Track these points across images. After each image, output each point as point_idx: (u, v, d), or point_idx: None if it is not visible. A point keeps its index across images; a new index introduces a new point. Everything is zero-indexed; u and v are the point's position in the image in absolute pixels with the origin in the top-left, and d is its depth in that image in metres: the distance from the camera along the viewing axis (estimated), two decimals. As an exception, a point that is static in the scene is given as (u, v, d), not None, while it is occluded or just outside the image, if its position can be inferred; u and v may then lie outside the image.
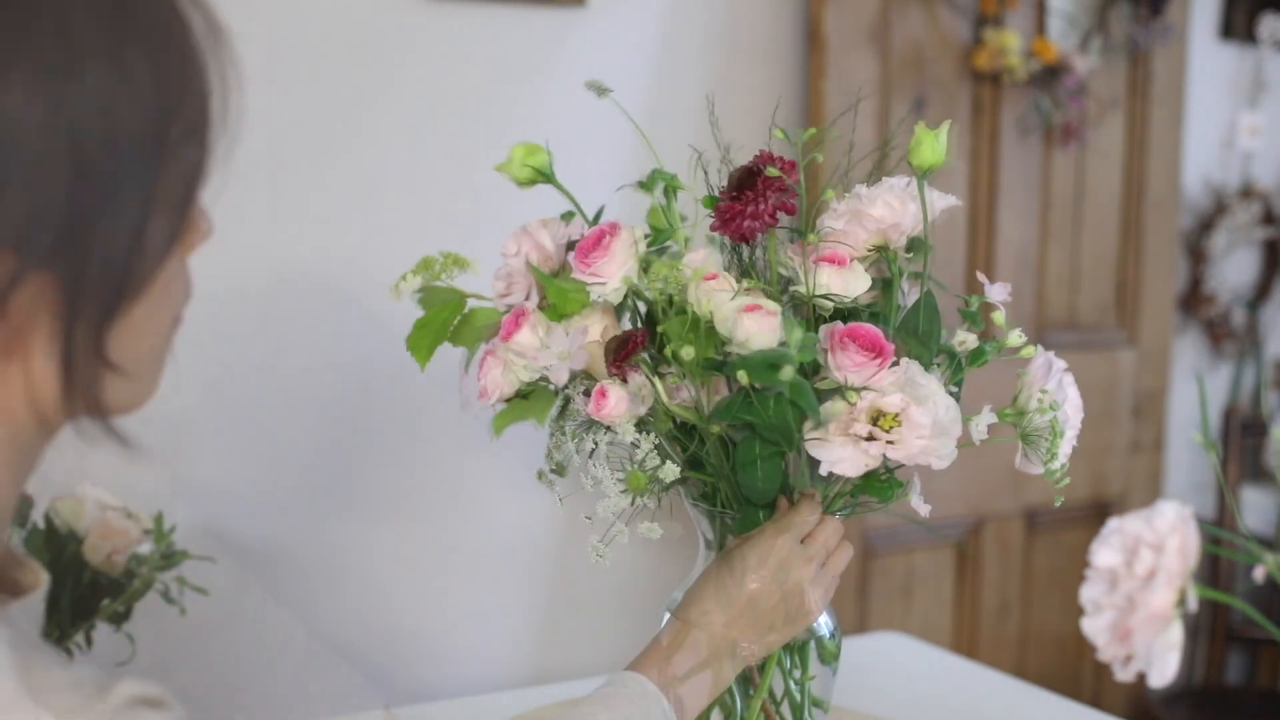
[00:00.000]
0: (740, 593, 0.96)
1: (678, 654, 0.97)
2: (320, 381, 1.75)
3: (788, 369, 0.86)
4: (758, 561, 0.96)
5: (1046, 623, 2.43)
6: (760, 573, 0.96)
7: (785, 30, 2.06)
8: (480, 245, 1.15)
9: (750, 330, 0.90)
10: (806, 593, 0.97)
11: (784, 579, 0.96)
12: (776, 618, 0.97)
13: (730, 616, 0.97)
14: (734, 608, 0.97)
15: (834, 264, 0.96)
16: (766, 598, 0.96)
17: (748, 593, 0.96)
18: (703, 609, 0.97)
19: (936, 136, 0.96)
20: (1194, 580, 0.63)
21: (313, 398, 1.75)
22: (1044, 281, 2.38)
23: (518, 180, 1.05)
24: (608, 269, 0.97)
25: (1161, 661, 0.62)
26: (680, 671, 0.97)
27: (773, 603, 0.96)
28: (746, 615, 0.97)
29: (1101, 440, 2.47)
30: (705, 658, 0.97)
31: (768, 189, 0.93)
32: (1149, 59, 2.44)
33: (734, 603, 0.97)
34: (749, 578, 0.96)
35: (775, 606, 0.97)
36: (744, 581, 0.97)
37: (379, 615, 1.81)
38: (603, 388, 0.96)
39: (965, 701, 1.43)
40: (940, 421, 0.90)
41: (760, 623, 0.97)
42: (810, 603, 0.98)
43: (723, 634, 0.96)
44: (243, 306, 1.69)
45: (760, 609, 0.97)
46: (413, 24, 1.75)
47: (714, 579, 0.98)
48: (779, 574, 0.96)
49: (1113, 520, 0.64)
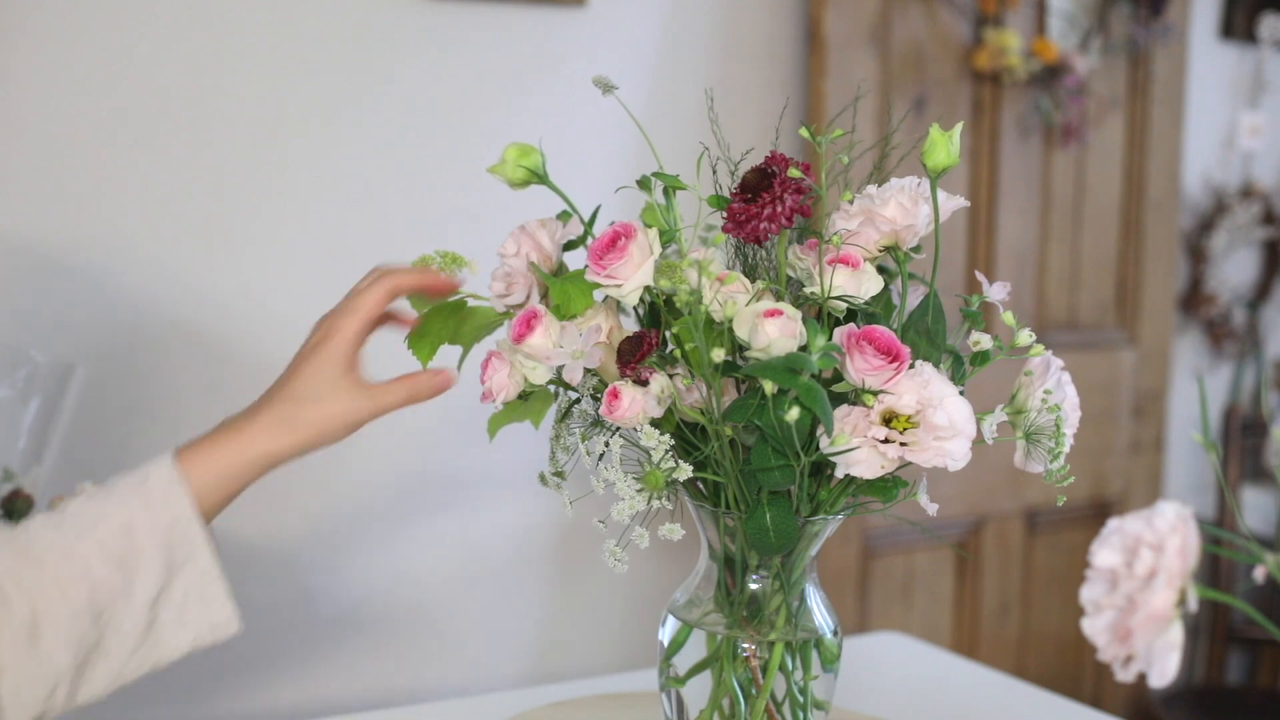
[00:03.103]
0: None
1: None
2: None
3: (805, 374, 0.86)
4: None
5: (1046, 623, 2.43)
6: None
7: (785, 30, 2.06)
8: (480, 245, 1.15)
9: (772, 335, 0.90)
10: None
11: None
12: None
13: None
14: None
15: (847, 265, 0.96)
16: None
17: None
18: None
19: (950, 138, 0.96)
20: (1194, 580, 0.63)
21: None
22: (1044, 281, 2.38)
23: (511, 181, 1.05)
24: (624, 271, 0.97)
25: (1162, 662, 0.62)
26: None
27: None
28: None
29: (1101, 440, 2.47)
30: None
31: (785, 191, 0.93)
32: (1149, 59, 2.44)
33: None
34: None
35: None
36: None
37: (379, 615, 1.81)
38: (615, 388, 0.96)
39: (965, 701, 1.43)
40: (956, 423, 0.91)
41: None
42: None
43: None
44: (242, 305, 1.69)
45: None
46: (413, 24, 1.75)
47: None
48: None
49: (1113, 520, 0.64)
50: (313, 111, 1.71)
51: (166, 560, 0.90)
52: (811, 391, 0.88)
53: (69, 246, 1.59)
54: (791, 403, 0.89)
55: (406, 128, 1.77)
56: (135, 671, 0.91)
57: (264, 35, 1.67)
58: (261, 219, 1.70)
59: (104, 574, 0.88)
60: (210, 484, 0.93)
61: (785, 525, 0.96)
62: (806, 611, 1.05)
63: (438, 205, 1.79)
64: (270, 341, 1.71)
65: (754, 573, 1.04)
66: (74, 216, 1.59)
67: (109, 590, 0.89)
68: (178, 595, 0.91)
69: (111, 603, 0.89)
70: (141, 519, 0.90)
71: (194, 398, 1.67)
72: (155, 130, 1.62)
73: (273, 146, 1.69)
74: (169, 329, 1.65)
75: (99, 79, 1.58)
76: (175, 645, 0.92)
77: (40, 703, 0.88)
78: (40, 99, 1.56)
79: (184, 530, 0.91)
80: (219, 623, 0.93)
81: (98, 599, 0.88)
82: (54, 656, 0.87)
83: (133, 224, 1.62)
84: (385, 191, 1.76)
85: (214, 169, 1.66)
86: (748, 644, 1.03)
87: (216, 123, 1.65)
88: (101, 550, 0.89)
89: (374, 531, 1.78)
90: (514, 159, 1.04)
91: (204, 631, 0.93)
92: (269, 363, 1.71)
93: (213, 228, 1.67)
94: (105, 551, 0.89)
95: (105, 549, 0.89)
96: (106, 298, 1.62)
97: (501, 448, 1.21)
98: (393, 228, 1.77)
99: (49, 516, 0.90)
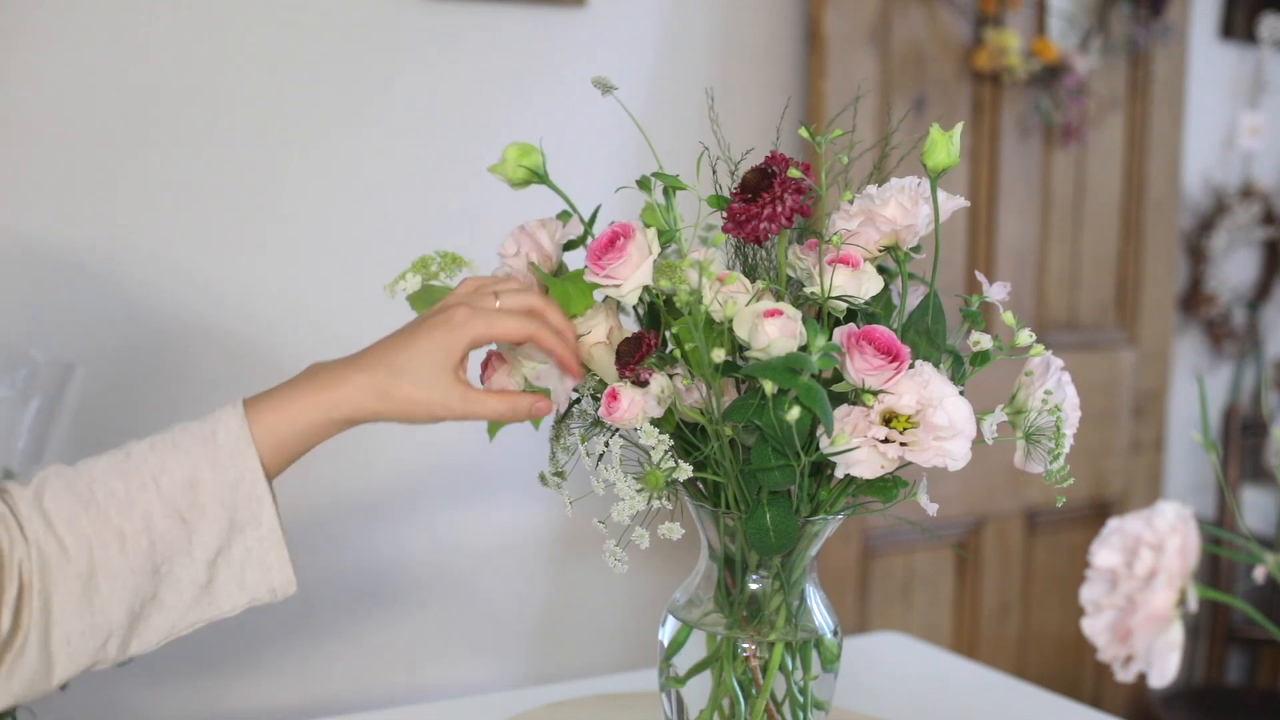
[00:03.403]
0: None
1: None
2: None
3: (805, 375, 0.86)
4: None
5: (1046, 623, 2.43)
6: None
7: (785, 30, 2.06)
8: (479, 244, 1.15)
9: (772, 335, 0.90)
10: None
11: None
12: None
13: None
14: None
15: (847, 265, 0.96)
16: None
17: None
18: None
19: (951, 138, 0.96)
20: (1194, 580, 0.63)
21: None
22: (1044, 281, 2.38)
23: (511, 181, 1.05)
24: (623, 271, 0.97)
25: (1162, 662, 0.62)
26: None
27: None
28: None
29: (1101, 440, 2.47)
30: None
31: (785, 191, 0.93)
32: (1149, 59, 2.44)
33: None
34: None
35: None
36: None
37: (378, 615, 1.81)
38: (614, 390, 0.96)
39: (965, 701, 1.43)
40: (956, 423, 0.91)
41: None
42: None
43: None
44: (241, 305, 1.69)
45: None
46: (413, 24, 1.75)
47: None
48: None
49: (1113, 520, 0.64)
50: (312, 112, 1.71)
51: (229, 519, 0.89)
52: (811, 391, 0.88)
53: (69, 246, 1.59)
54: (791, 403, 0.89)
55: (406, 128, 1.77)
56: (189, 628, 0.91)
57: (264, 35, 1.67)
58: (261, 219, 1.70)
59: (165, 528, 0.87)
60: (282, 440, 0.91)
61: (785, 525, 0.96)
62: (806, 611, 1.05)
63: (437, 205, 1.79)
64: (270, 340, 1.71)
65: (754, 573, 1.04)
66: (74, 216, 1.59)
67: (169, 544, 0.88)
68: (238, 556, 0.90)
69: (171, 557, 0.88)
70: (207, 474, 0.89)
71: (194, 397, 1.67)
72: (155, 130, 1.62)
73: (273, 146, 1.69)
74: (169, 329, 1.65)
75: (98, 79, 1.58)
76: (232, 604, 0.91)
77: (92, 654, 0.87)
78: (40, 99, 1.56)
79: (249, 489, 0.90)
80: (277, 586, 0.93)
81: (157, 553, 0.87)
82: (109, 609, 0.86)
83: (133, 224, 1.62)
84: (385, 191, 1.76)
85: (214, 169, 1.66)
86: (748, 644, 1.03)
87: (216, 123, 1.65)
88: (164, 503, 0.88)
89: (373, 531, 1.78)
90: (514, 158, 1.04)
91: (261, 593, 0.92)
92: (269, 363, 1.71)
93: (213, 228, 1.67)
94: (168, 504, 0.88)
95: (168, 502, 0.88)
96: (107, 297, 1.62)
97: (501, 448, 1.21)
98: (393, 227, 1.77)
99: (113, 458, 0.89)
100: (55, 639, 0.85)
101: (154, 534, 0.87)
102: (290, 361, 1.73)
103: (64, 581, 0.85)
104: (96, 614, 0.86)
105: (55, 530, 0.85)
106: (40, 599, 0.85)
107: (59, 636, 0.85)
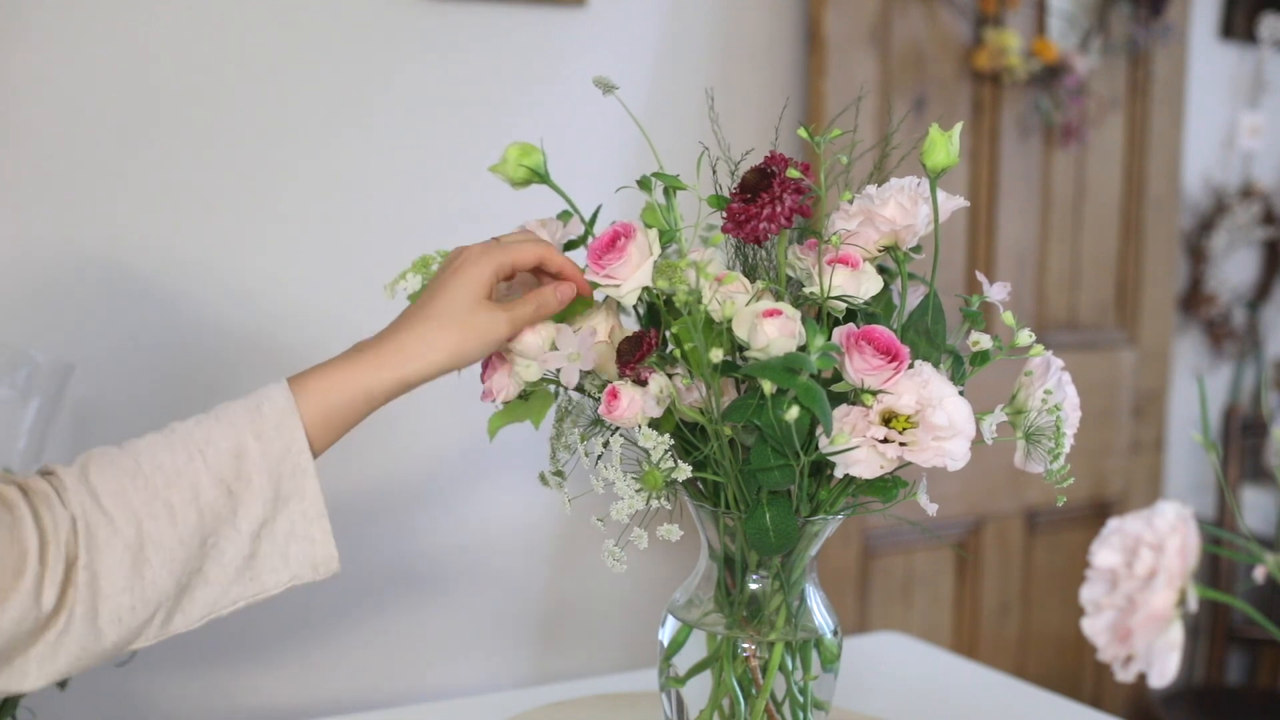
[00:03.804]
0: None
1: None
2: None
3: (804, 374, 0.86)
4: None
5: (1046, 623, 2.43)
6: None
7: (785, 30, 2.06)
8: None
9: (770, 335, 0.90)
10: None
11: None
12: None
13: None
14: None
15: (846, 265, 0.96)
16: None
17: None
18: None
19: (950, 138, 0.96)
20: (1194, 580, 0.63)
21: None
22: (1044, 281, 2.38)
23: (512, 181, 1.05)
24: (622, 271, 0.97)
25: (1162, 662, 0.62)
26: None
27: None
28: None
29: (1101, 440, 2.47)
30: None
31: (784, 191, 0.93)
32: (1149, 59, 2.44)
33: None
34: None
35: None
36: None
37: (378, 615, 1.81)
38: (614, 388, 0.96)
39: (965, 701, 1.43)
40: (955, 423, 0.91)
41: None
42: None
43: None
44: (241, 305, 1.69)
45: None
46: (413, 24, 1.75)
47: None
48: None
49: (1113, 520, 0.64)
50: (312, 112, 1.71)
51: (275, 490, 0.89)
52: (811, 391, 0.88)
53: (69, 246, 1.59)
54: (790, 402, 0.89)
55: (406, 127, 1.77)
56: (230, 605, 0.90)
57: (264, 36, 1.67)
58: (262, 219, 1.70)
59: (212, 498, 0.87)
60: (330, 411, 0.92)
61: (785, 525, 0.96)
62: (806, 611, 1.05)
63: (437, 205, 1.79)
64: (270, 341, 1.71)
65: (754, 573, 1.04)
66: (74, 216, 1.59)
67: (215, 515, 0.87)
68: (282, 529, 0.90)
69: (217, 529, 0.88)
70: (252, 445, 0.89)
71: (195, 397, 1.67)
72: (155, 130, 1.62)
73: (273, 147, 1.69)
74: (169, 329, 1.65)
75: (97, 79, 1.58)
76: (274, 580, 0.91)
77: (139, 629, 0.86)
78: (40, 99, 1.56)
79: (294, 462, 0.90)
80: (319, 562, 0.92)
81: (205, 523, 0.87)
82: (158, 581, 0.86)
83: (133, 224, 1.62)
84: (384, 191, 1.76)
85: (214, 169, 1.65)
86: (747, 644, 1.03)
87: (216, 123, 1.65)
88: (210, 473, 0.87)
89: (373, 532, 1.79)
90: (515, 158, 1.04)
91: (304, 570, 0.92)
92: (269, 363, 1.71)
93: (212, 228, 1.67)
94: (214, 474, 0.88)
95: (214, 472, 0.88)
96: (107, 297, 1.62)
97: (500, 447, 1.21)
98: (393, 227, 1.77)
99: (158, 434, 0.89)
100: (104, 613, 0.85)
101: (201, 504, 0.87)
102: (291, 361, 1.73)
103: (112, 553, 0.84)
104: (147, 587, 0.86)
105: (102, 504, 0.85)
106: (87, 573, 0.84)
107: (108, 611, 0.85)
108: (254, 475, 0.88)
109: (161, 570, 0.86)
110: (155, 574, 0.86)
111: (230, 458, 0.88)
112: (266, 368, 1.70)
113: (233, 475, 0.88)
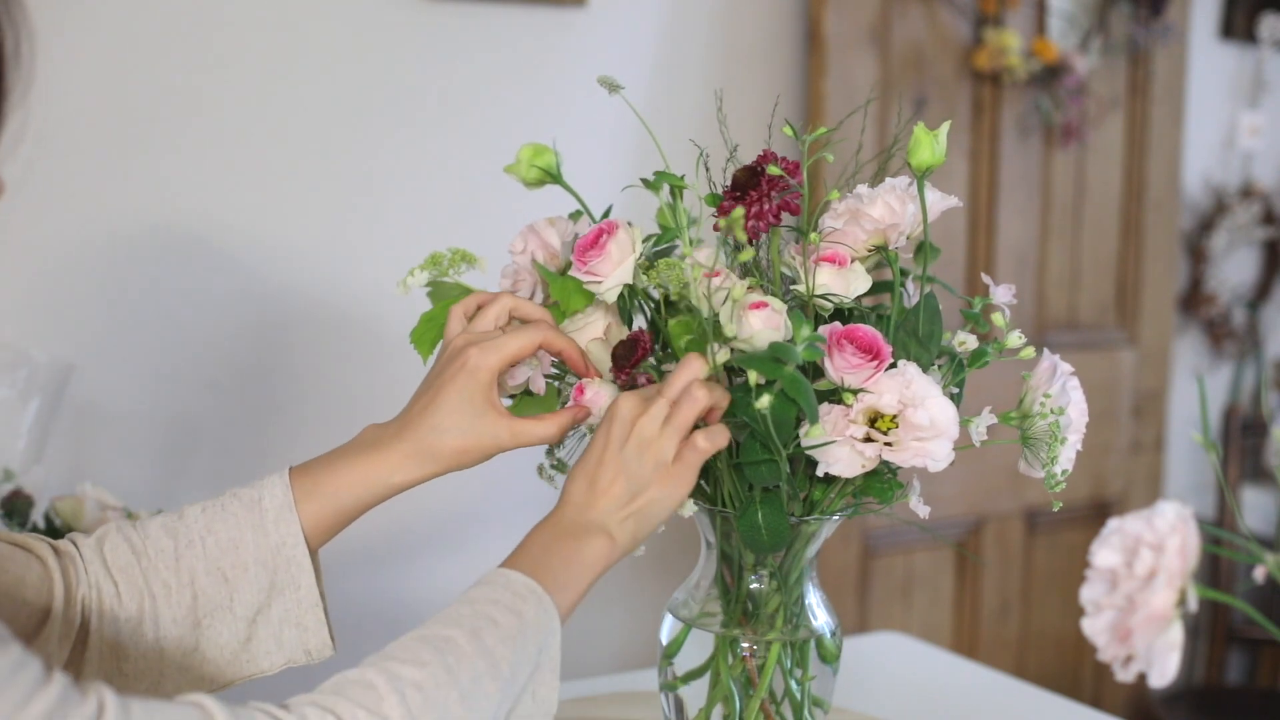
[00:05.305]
0: (589, 462, 0.93)
1: (544, 542, 0.94)
2: (321, 380, 1.75)
3: (790, 365, 0.86)
4: (602, 430, 0.93)
5: (1046, 623, 2.43)
6: (602, 436, 0.93)
7: (785, 30, 2.06)
8: (483, 243, 1.15)
9: (755, 326, 0.90)
10: (657, 443, 0.91)
11: (623, 433, 0.92)
12: (634, 478, 0.92)
13: (586, 488, 0.93)
14: (586, 478, 0.93)
15: (834, 264, 0.96)
16: (611, 457, 0.92)
17: (594, 458, 0.93)
18: (565, 495, 0.95)
19: (935, 137, 0.96)
20: (1194, 580, 0.63)
21: (313, 396, 1.75)
22: (1044, 281, 2.38)
23: (525, 181, 1.05)
24: (603, 268, 0.97)
25: (1162, 662, 0.62)
26: (548, 560, 0.94)
27: (620, 461, 0.92)
28: (600, 481, 0.92)
29: (1101, 440, 2.47)
30: (570, 537, 0.93)
31: (771, 189, 0.93)
32: (1149, 59, 2.44)
33: (585, 473, 0.93)
34: (594, 446, 0.93)
35: (627, 465, 0.92)
36: (589, 452, 0.93)
37: (378, 615, 1.81)
38: (581, 385, 0.97)
39: (965, 701, 1.43)
40: (938, 423, 0.90)
41: (615, 485, 0.92)
42: (662, 451, 0.91)
43: (585, 507, 0.93)
44: (242, 305, 1.69)
45: (608, 470, 0.92)
46: (413, 24, 1.75)
47: (575, 467, 0.96)
48: (617, 428, 0.92)
49: (1113, 520, 0.64)
50: (313, 112, 1.71)
51: (270, 580, 0.93)
52: (796, 382, 0.88)
53: (69, 246, 1.59)
54: (762, 391, 0.88)
55: (406, 127, 1.77)
56: (228, 682, 0.95)
57: (263, 37, 1.67)
58: (261, 219, 1.70)
59: (207, 584, 0.92)
60: (328, 510, 0.95)
61: (777, 523, 0.96)
62: (806, 611, 1.05)
63: (438, 203, 1.79)
64: (270, 342, 1.71)
65: (753, 572, 1.04)
66: (74, 216, 1.59)
67: (210, 599, 0.92)
68: (276, 615, 0.94)
69: (212, 612, 0.92)
70: (249, 537, 0.93)
71: (195, 397, 1.67)
72: (155, 131, 1.62)
73: (273, 146, 1.69)
74: (169, 329, 1.65)
75: (97, 78, 1.58)
76: (269, 663, 0.95)
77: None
78: (41, 99, 1.56)
79: (289, 554, 0.93)
80: (313, 648, 0.96)
81: (199, 606, 0.92)
82: (149, 656, 0.91)
83: (133, 224, 1.62)
84: (386, 191, 1.76)
85: (214, 170, 1.66)
86: (747, 644, 1.03)
87: (216, 124, 1.65)
88: (208, 561, 0.92)
89: (372, 529, 1.79)
90: (528, 159, 1.04)
91: (298, 654, 0.96)
92: (268, 362, 1.71)
93: (212, 229, 1.67)
94: (211, 562, 0.92)
95: (212, 560, 0.92)
96: (107, 297, 1.62)
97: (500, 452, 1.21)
98: (394, 227, 1.77)
99: (168, 518, 0.94)
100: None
101: (197, 588, 0.92)
102: (291, 364, 1.73)
103: (113, 624, 0.89)
104: (139, 659, 0.91)
105: (112, 575, 0.90)
106: (96, 637, 0.89)
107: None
108: (250, 564, 0.93)
109: (157, 645, 0.91)
110: (150, 647, 0.91)
111: (229, 547, 0.93)
112: (266, 368, 1.70)
113: (230, 564, 0.92)
